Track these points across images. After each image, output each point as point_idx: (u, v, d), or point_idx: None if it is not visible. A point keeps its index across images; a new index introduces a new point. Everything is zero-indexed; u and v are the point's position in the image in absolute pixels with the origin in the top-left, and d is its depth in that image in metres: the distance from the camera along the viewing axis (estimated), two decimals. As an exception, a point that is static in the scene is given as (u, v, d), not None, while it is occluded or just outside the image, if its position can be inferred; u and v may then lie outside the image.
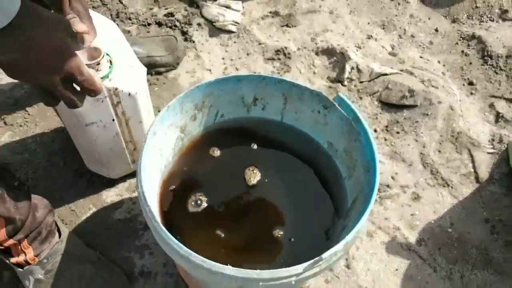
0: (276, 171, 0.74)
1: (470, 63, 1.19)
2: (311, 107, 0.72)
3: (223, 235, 0.64)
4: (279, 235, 0.65)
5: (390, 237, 0.88)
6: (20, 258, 0.71)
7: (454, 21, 1.28)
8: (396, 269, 0.84)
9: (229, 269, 0.49)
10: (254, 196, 0.70)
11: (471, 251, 0.88)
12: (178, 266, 0.75)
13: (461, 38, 1.24)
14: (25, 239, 0.69)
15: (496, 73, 1.17)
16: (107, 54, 0.68)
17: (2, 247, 0.68)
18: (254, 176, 0.73)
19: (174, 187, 0.69)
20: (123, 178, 0.92)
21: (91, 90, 0.53)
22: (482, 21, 1.27)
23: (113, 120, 0.74)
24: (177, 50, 1.12)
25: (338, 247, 0.50)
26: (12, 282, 0.79)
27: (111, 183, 0.92)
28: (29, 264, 0.72)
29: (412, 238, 0.88)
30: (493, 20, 1.27)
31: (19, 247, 0.70)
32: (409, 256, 0.86)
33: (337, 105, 0.67)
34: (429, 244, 0.88)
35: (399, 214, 0.92)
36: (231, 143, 0.76)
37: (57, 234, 0.76)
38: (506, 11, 1.26)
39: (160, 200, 0.67)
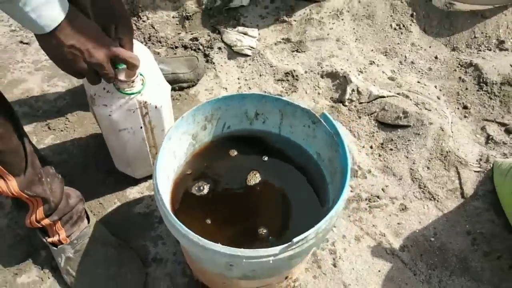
0: (274, 176, 0.86)
1: (466, 89, 1.28)
2: (303, 122, 0.84)
3: (217, 221, 0.77)
4: (263, 233, 0.77)
5: (376, 242, 0.98)
6: (55, 238, 0.86)
7: (453, 49, 1.38)
8: (379, 271, 0.93)
9: (219, 247, 0.62)
10: (251, 195, 0.83)
11: (451, 259, 0.96)
12: (185, 253, 0.88)
13: (459, 66, 1.34)
14: (59, 221, 0.85)
15: (490, 98, 1.26)
16: (141, 74, 0.83)
17: (40, 226, 0.83)
18: (254, 179, 0.85)
19: (185, 179, 0.83)
20: (145, 179, 1.07)
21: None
22: (480, 50, 1.36)
23: (141, 127, 0.89)
24: (198, 68, 1.28)
25: (308, 233, 0.62)
26: (47, 259, 0.94)
27: (135, 182, 1.07)
28: (61, 243, 0.87)
29: (396, 244, 0.98)
30: (490, 50, 1.36)
31: (54, 228, 0.85)
32: (392, 260, 0.95)
33: (322, 121, 0.79)
34: (412, 251, 0.97)
35: (386, 222, 1.01)
36: (236, 151, 0.90)
37: (86, 220, 0.91)
38: (502, 42, 1.35)
39: (172, 192, 0.80)
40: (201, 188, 0.83)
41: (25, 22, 0.56)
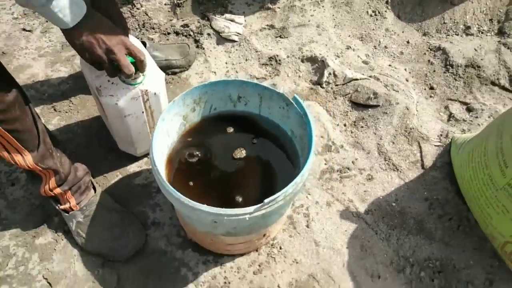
0: (256, 150, 1.00)
1: (434, 71, 1.41)
2: (278, 104, 0.98)
3: (204, 187, 0.92)
4: (239, 201, 0.91)
5: (344, 207, 1.13)
6: (66, 205, 1.01)
7: (424, 34, 1.50)
8: (345, 230, 1.09)
9: (205, 207, 0.76)
10: (236, 166, 0.97)
11: (409, 221, 1.11)
12: (179, 217, 1.03)
13: (429, 49, 1.46)
14: (69, 191, 0.99)
15: (455, 79, 1.39)
16: None
17: (53, 194, 0.98)
18: (240, 153, 0.99)
19: (177, 154, 0.97)
20: (143, 157, 1.21)
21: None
22: (449, 35, 1.48)
23: (143, 112, 1.02)
24: (189, 55, 1.40)
25: (277, 195, 0.76)
26: (60, 224, 1.08)
27: (135, 158, 1.20)
28: (72, 210, 1.02)
29: (362, 208, 1.13)
30: (457, 34, 1.48)
31: (65, 196, 1.00)
32: (357, 221, 1.11)
33: (294, 104, 0.93)
34: (375, 214, 1.12)
35: (354, 190, 1.16)
36: (222, 129, 1.03)
37: (92, 190, 1.06)
38: (469, 27, 1.47)
39: (166, 164, 0.95)
40: (191, 160, 0.97)
41: (54, 20, 0.73)
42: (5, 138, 0.80)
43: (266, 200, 0.76)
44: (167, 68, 1.38)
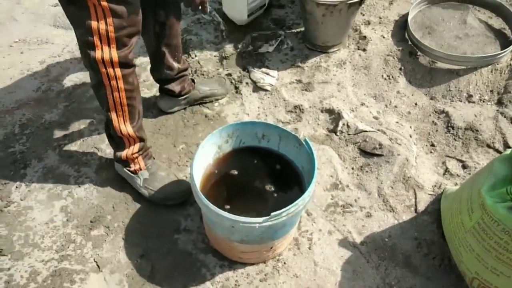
0: (274, 179, 1.25)
1: (436, 131, 1.62)
2: (293, 144, 1.23)
3: (231, 202, 1.17)
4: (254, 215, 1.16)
5: (343, 236, 1.33)
6: (136, 167, 1.38)
7: (432, 98, 1.73)
8: (341, 256, 1.29)
9: (226, 213, 1.01)
10: (256, 188, 1.22)
11: (398, 255, 1.30)
12: (205, 225, 1.27)
13: (434, 112, 1.68)
14: (141, 155, 1.36)
15: (455, 139, 1.59)
16: None
17: (131, 158, 1.34)
18: (260, 179, 1.25)
19: (211, 174, 1.24)
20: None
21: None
22: (453, 101, 1.70)
23: None
24: (225, 85, 1.75)
25: (281, 211, 1.00)
26: (111, 221, 1.36)
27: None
28: (141, 170, 1.37)
29: (358, 240, 1.33)
30: (461, 101, 1.70)
31: (137, 160, 1.37)
32: (353, 250, 1.30)
33: (304, 145, 1.18)
34: (369, 246, 1.31)
35: (353, 224, 1.37)
36: (247, 160, 1.30)
37: (152, 158, 1.42)
38: (471, 96, 1.69)
39: (202, 181, 1.21)
40: (221, 179, 1.24)
41: None
42: (125, 111, 1.22)
43: (272, 213, 1.00)
44: (211, 96, 1.71)
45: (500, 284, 1.03)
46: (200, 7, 1.22)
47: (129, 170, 1.38)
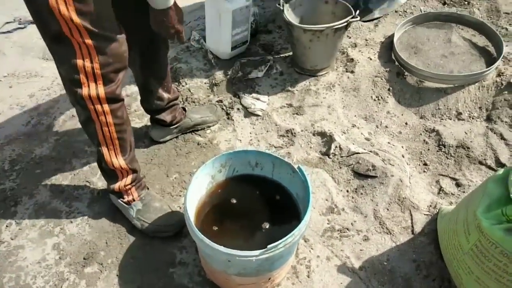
0: (268, 207, 1.24)
1: (428, 149, 1.63)
2: (287, 171, 1.23)
3: (225, 233, 1.15)
4: (251, 246, 1.14)
5: (342, 262, 1.32)
6: (129, 198, 1.37)
7: (421, 117, 1.75)
8: (341, 283, 1.27)
9: (221, 247, 0.99)
10: (251, 219, 1.21)
11: (397, 279, 1.28)
12: (201, 258, 1.25)
13: (424, 131, 1.70)
14: (134, 186, 1.35)
15: (447, 158, 1.60)
16: None
17: (124, 190, 1.33)
18: (254, 208, 1.23)
19: (204, 205, 1.22)
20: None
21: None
22: (442, 119, 1.72)
23: None
24: (217, 111, 1.74)
25: (278, 242, 0.99)
26: (104, 258, 1.33)
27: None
28: (134, 201, 1.36)
29: (357, 265, 1.31)
30: (450, 119, 1.72)
31: (130, 191, 1.35)
32: (352, 276, 1.28)
33: (298, 172, 1.17)
34: (368, 271, 1.30)
35: (351, 248, 1.35)
36: (241, 188, 1.29)
37: (146, 188, 1.41)
38: (460, 113, 1.71)
39: (196, 213, 1.19)
40: (216, 210, 1.22)
41: (158, 4, 1.09)
42: (115, 144, 1.21)
43: (269, 246, 0.98)
44: (203, 123, 1.70)
45: (502, 306, 1.02)
46: (176, 37, 1.23)
47: (122, 201, 1.37)
